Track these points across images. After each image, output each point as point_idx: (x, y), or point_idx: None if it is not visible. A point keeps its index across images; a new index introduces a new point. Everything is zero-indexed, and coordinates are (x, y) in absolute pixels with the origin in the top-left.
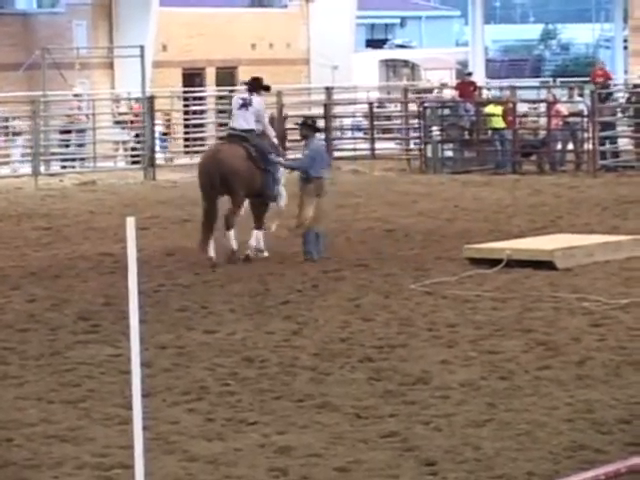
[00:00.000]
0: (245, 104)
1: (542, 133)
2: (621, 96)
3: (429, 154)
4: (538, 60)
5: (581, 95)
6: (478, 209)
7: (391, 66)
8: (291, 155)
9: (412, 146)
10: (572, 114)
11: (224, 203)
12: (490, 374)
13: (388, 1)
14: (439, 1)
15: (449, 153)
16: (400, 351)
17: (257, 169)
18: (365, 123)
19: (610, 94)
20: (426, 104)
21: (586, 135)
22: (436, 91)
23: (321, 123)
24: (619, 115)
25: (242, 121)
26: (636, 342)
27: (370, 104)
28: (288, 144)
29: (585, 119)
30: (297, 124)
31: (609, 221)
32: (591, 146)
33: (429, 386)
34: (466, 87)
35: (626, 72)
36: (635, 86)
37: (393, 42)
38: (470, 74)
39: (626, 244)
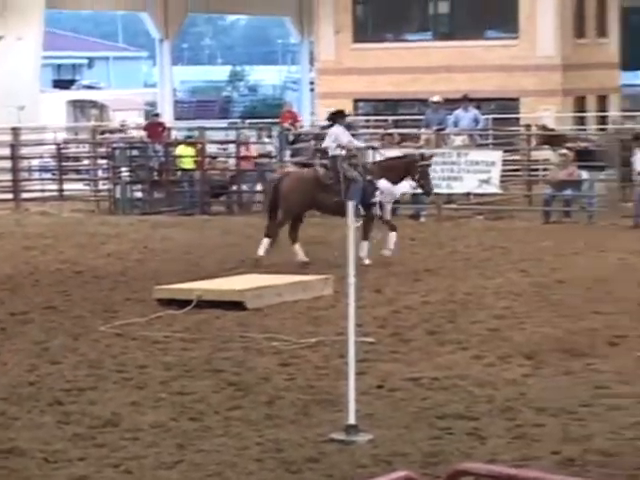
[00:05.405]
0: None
1: (231, 174)
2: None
3: (118, 195)
4: (226, 101)
5: (269, 136)
6: (168, 250)
7: (79, 107)
8: None
9: (101, 187)
10: (261, 155)
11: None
12: (180, 415)
13: (75, 42)
14: (127, 42)
15: (138, 194)
16: (89, 394)
17: (325, 190)
18: (53, 164)
19: (299, 135)
20: (115, 145)
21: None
22: (125, 132)
23: (8, 164)
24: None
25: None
26: (324, 381)
27: (58, 145)
28: None
29: (273, 160)
30: None
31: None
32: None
33: (119, 428)
34: (155, 128)
35: (313, 113)
36: (323, 127)
37: (81, 82)
38: (158, 115)
39: (314, 284)
